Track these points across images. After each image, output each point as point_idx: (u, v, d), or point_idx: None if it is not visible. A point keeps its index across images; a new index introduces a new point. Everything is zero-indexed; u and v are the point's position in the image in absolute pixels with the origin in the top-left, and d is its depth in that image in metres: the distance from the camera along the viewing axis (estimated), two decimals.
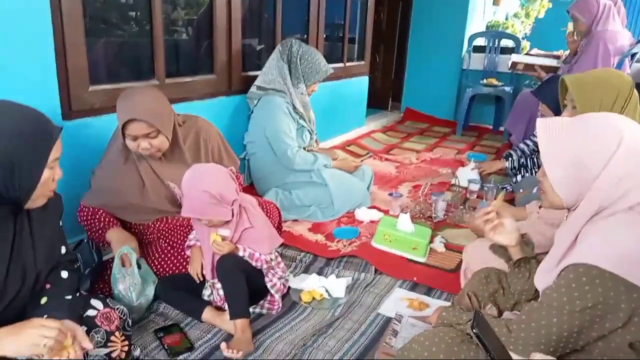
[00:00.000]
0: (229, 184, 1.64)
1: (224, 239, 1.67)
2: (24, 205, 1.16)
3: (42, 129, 1.14)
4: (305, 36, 3.56)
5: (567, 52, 4.56)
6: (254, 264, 1.71)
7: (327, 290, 1.93)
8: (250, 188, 2.87)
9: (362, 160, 2.99)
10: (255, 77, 2.79)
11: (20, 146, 1.09)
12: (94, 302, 1.36)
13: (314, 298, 1.88)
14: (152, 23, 2.30)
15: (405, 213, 2.36)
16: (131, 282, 1.68)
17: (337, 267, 2.17)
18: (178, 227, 1.94)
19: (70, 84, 1.93)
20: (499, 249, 1.44)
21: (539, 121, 1.16)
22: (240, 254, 1.69)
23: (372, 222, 2.62)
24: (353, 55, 4.48)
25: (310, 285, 1.94)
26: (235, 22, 2.74)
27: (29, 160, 1.11)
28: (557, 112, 2.13)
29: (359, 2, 4.38)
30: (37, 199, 1.17)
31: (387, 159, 3.92)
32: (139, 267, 1.74)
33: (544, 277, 1.17)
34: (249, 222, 1.69)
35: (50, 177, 1.17)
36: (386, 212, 2.76)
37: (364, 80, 4.49)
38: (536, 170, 2.95)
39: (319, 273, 2.08)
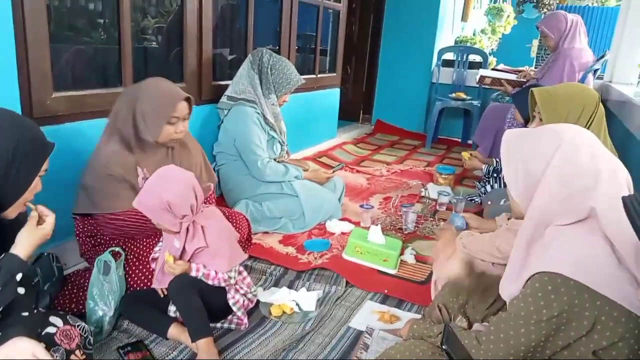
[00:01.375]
0: (185, 199, 1.60)
1: (176, 259, 1.63)
2: (1, 212, 1.21)
3: (41, 137, 1.26)
4: (277, 47, 3.56)
5: (532, 68, 4.70)
6: (210, 282, 1.66)
7: (297, 304, 1.90)
8: (220, 199, 2.82)
9: (333, 172, 2.97)
10: (226, 86, 2.77)
11: (23, 146, 1.18)
12: (53, 319, 1.30)
13: (284, 312, 1.85)
14: (120, 29, 2.24)
15: (377, 225, 2.36)
16: (110, 290, 1.64)
17: (308, 280, 2.14)
18: (145, 239, 1.88)
19: (32, 88, 1.84)
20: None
21: (507, 132, 1.21)
22: (193, 274, 1.64)
23: (343, 234, 2.61)
24: (325, 67, 4.51)
25: (280, 299, 1.90)
26: (206, 30, 2.71)
27: (27, 161, 1.21)
28: (527, 118, 2.19)
29: (331, 14, 4.41)
30: (16, 208, 1.24)
31: (358, 171, 3.93)
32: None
33: (508, 287, 1.18)
34: (204, 241, 1.64)
35: (36, 187, 1.26)
36: (357, 223, 2.76)
37: (336, 92, 4.51)
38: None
39: (290, 286, 2.05)
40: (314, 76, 4.08)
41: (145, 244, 1.85)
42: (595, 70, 3.74)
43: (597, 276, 1.00)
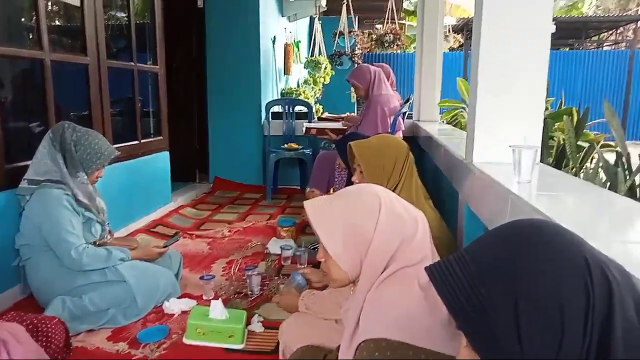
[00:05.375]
0: None
1: None
2: None
3: None
4: (88, 113, 3.24)
5: (353, 113, 5.06)
6: None
7: None
8: (30, 300, 2.39)
9: (164, 246, 2.65)
10: (27, 167, 2.39)
11: None
12: None
13: None
14: None
15: (217, 299, 2.20)
16: None
17: None
18: None
19: None
20: None
21: (305, 204, 1.18)
22: None
23: (184, 312, 2.37)
24: (149, 131, 4.27)
25: None
26: None
27: None
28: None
29: (149, 76, 4.22)
30: None
31: (198, 236, 3.71)
32: None
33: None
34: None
35: None
36: (200, 297, 2.55)
37: (164, 155, 4.27)
38: None
39: None
40: (137, 142, 3.81)
41: None
42: (404, 113, 4.15)
43: (415, 331, 1.02)
